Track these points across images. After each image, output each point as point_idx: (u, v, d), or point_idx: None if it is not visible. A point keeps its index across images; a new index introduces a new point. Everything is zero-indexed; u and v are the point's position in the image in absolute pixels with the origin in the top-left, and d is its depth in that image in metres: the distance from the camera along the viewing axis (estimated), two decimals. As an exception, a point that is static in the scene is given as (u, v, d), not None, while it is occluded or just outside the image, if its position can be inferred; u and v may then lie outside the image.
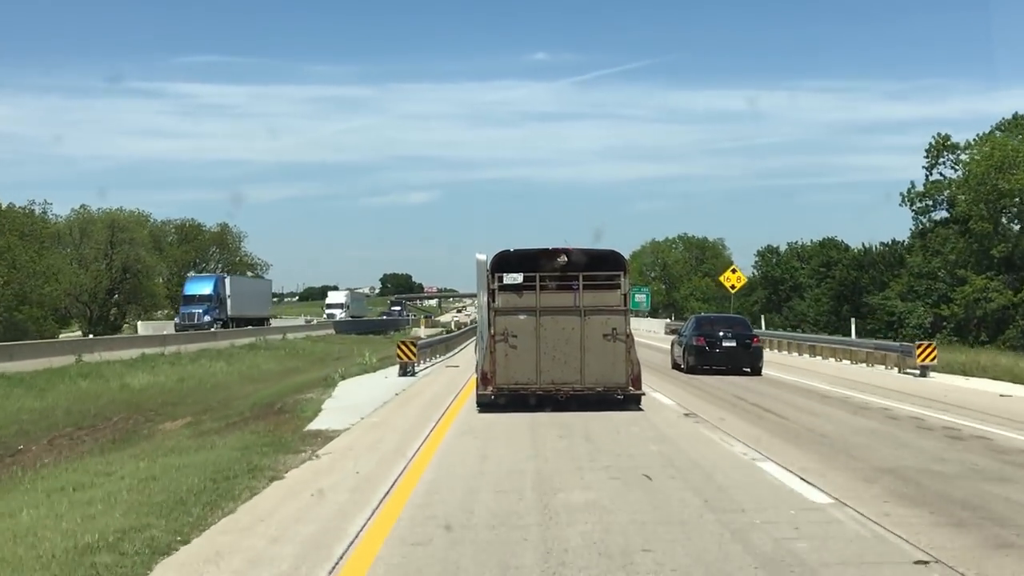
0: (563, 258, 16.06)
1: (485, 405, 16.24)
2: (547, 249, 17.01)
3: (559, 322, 16.57)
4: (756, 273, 79.18)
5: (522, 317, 16.61)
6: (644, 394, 16.40)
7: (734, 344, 24.10)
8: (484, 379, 16.25)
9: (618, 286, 16.53)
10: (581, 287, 16.58)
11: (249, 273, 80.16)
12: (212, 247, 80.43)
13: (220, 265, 79.66)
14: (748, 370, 23.41)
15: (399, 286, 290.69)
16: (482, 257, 17.07)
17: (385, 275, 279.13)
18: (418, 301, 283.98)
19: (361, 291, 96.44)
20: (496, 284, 16.53)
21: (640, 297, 63.05)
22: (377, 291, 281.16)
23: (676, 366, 25.33)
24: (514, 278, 16.91)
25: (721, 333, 24.63)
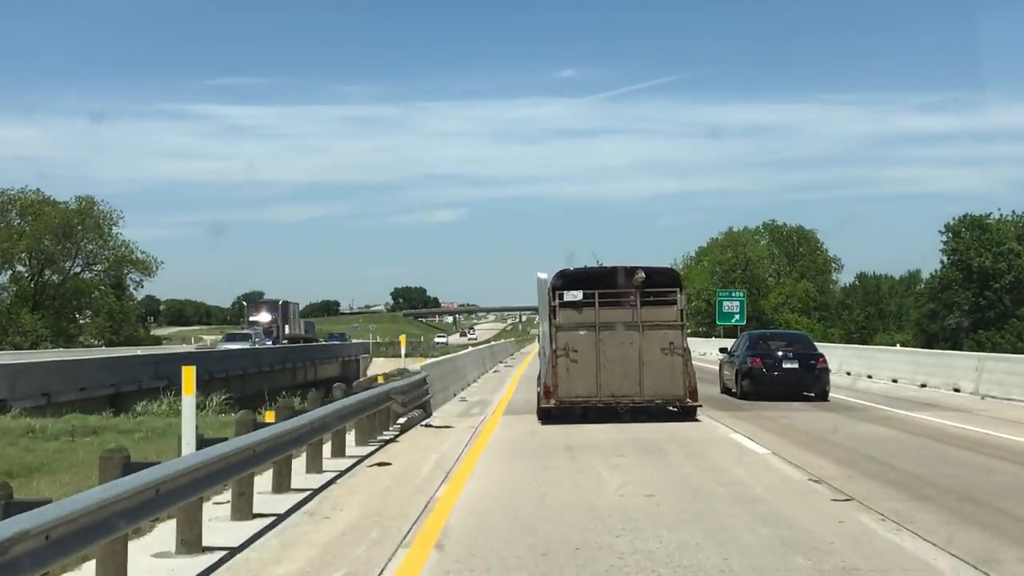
0: (640, 275, 17.51)
1: (547, 417, 17.42)
2: (607, 267, 18.31)
3: (618, 337, 17.71)
4: (944, 260, 68.11)
5: (582, 333, 17.78)
6: (700, 405, 17.60)
7: (796, 365, 22.19)
8: (547, 392, 17.36)
9: (674, 302, 17.79)
10: (639, 303, 17.76)
11: (133, 274, 61.11)
12: (76, 228, 58.74)
13: (81, 258, 60.47)
14: (812, 395, 21.76)
15: (412, 300, 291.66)
16: (543, 276, 18.34)
17: (397, 289, 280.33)
18: (437, 317, 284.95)
19: (294, 303, 66.98)
20: (557, 301, 17.72)
21: (731, 305, 54.48)
22: (390, 306, 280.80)
23: (726, 390, 23.99)
24: (574, 296, 18.10)
25: (780, 353, 22.81)
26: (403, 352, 38.56)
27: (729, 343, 29.05)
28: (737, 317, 55.62)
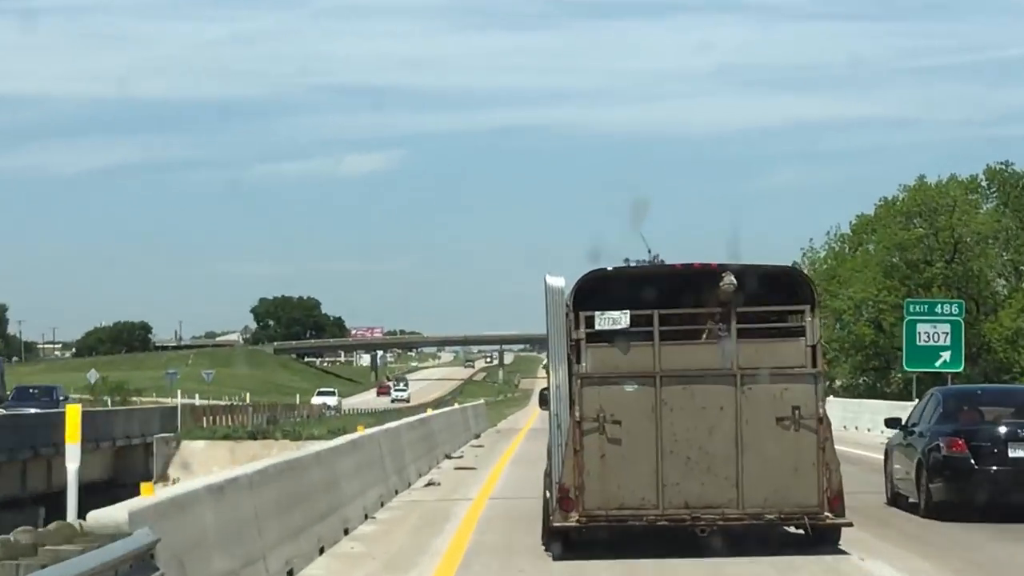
0: (730, 280, 14.64)
1: (564, 549, 14.99)
2: (674, 266, 15.46)
3: (696, 396, 14.87)
4: None
5: (630, 388, 14.86)
6: (850, 524, 15.07)
7: None
8: (563, 499, 14.71)
9: (801, 331, 14.98)
10: (734, 333, 14.85)
11: None
12: None
13: None
14: None
15: (293, 324, 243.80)
16: (558, 283, 15.13)
17: (265, 303, 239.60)
18: (342, 355, 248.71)
19: None
20: (583, 331, 14.95)
21: (935, 332, 41.02)
22: (249, 333, 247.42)
23: (897, 498, 20.91)
24: (614, 319, 14.74)
25: (1004, 429, 19.18)
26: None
27: (905, 410, 25.58)
28: (947, 357, 41.82)
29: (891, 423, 22.23)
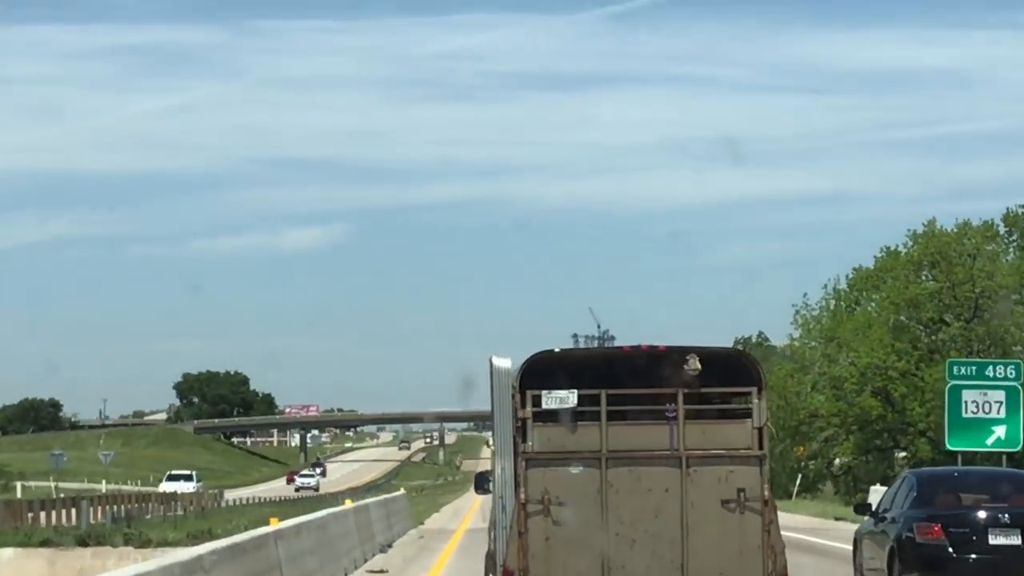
0: (694, 364, 15.44)
1: None
2: (623, 348, 16.47)
3: (642, 478, 15.67)
4: None
5: (575, 470, 15.61)
6: None
7: (1019, 539, 18.40)
8: None
9: (748, 412, 15.88)
10: (682, 415, 15.62)
11: None
12: None
13: None
14: None
15: (220, 401, 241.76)
16: (504, 364, 16.20)
17: (189, 379, 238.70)
18: (274, 433, 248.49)
19: None
20: (529, 409, 15.68)
21: (987, 401, 36.68)
22: (172, 411, 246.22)
23: None
24: (562, 399, 15.53)
25: (983, 514, 18.73)
26: None
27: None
28: (1002, 433, 36.68)
29: (860, 509, 22.00)
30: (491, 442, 17.39)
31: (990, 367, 38.11)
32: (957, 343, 65.92)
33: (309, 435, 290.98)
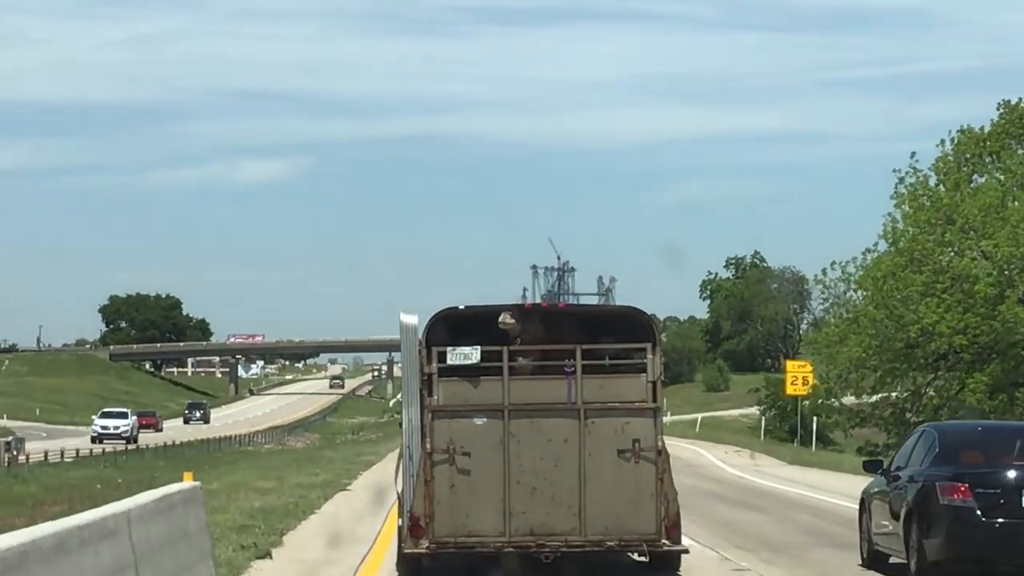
0: (505, 318, 18.34)
1: (414, 574, 18.92)
2: (524, 305, 19.40)
3: (543, 429, 18.47)
4: None
5: (480, 421, 18.44)
6: (686, 551, 19.09)
7: None
8: (415, 527, 18.34)
9: (643, 367, 18.72)
10: (580, 369, 18.48)
11: None
12: None
13: None
14: None
15: (149, 325, 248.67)
16: (411, 320, 18.97)
17: (117, 299, 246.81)
18: (218, 364, 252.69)
19: None
20: (435, 365, 18.59)
21: None
22: (99, 337, 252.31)
23: (877, 558, 20.51)
24: (466, 354, 18.37)
25: (1014, 473, 18.81)
26: None
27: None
28: None
29: (871, 466, 22.01)
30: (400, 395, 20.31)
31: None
32: None
33: (256, 366, 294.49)
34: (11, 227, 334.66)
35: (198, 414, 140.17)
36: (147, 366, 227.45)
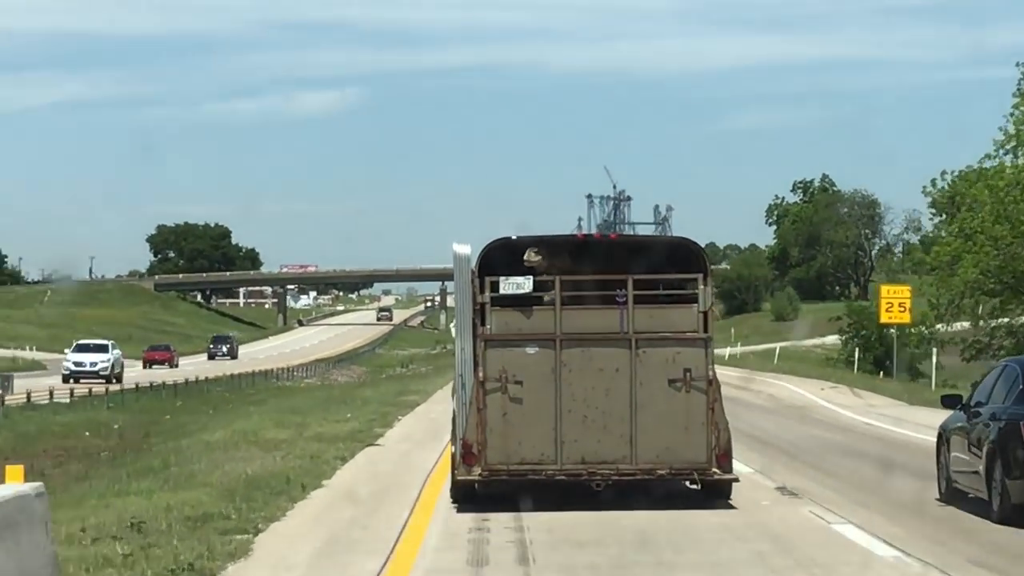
0: (530, 255, 19.20)
1: (467, 500, 19.61)
2: (578, 236, 22.08)
3: (594, 358, 19.27)
4: None
5: (532, 351, 19.22)
6: (737, 480, 19.91)
7: None
8: (468, 455, 19.21)
9: (694, 297, 19.56)
10: (631, 300, 19.27)
11: None
12: None
13: None
14: None
15: (198, 255, 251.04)
16: (464, 250, 19.72)
17: (164, 229, 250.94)
18: (269, 295, 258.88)
19: None
20: (487, 295, 19.42)
21: None
22: (145, 269, 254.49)
23: (955, 495, 20.48)
24: (518, 284, 19.18)
25: None
26: None
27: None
28: None
29: (949, 401, 21.99)
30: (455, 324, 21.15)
31: None
32: None
33: (308, 297, 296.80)
34: (68, 160, 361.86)
35: (224, 348, 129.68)
36: (197, 297, 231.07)
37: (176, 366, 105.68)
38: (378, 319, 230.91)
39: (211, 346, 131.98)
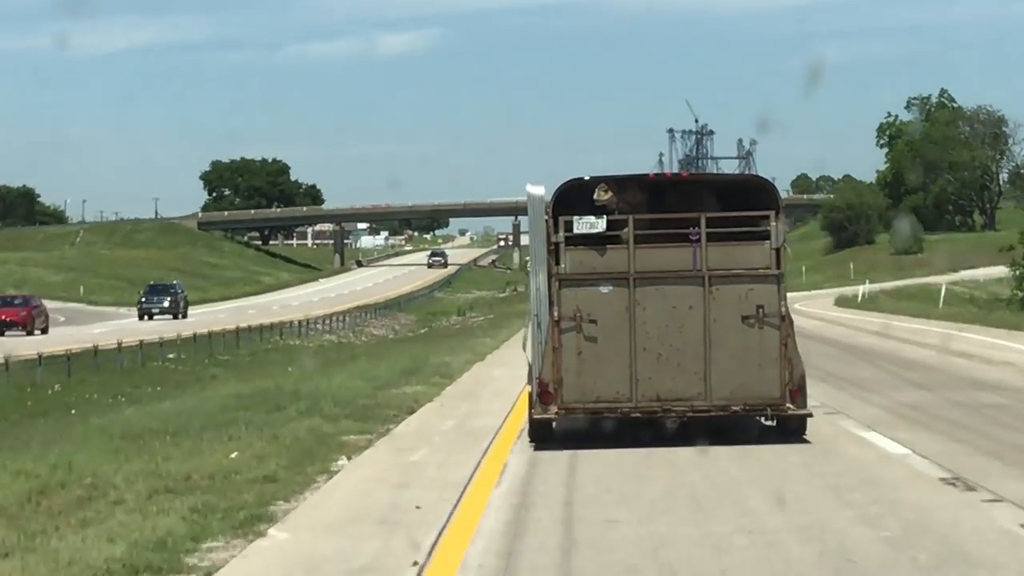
0: (600, 194, 21.03)
1: (544, 439, 21.53)
2: (648, 175, 22.26)
3: (668, 296, 21.10)
4: None
5: (605, 290, 21.07)
6: (811, 415, 21.71)
7: None
8: (544, 394, 21.09)
9: (766, 235, 21.34)
10: (704, 238, 21.11)
11: None
12: None
13: None
14: None
15: (255, 193, 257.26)
16: (538, 191, 21.60)
17: (219, 165, 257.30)
18: (301, 233, 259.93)
19: None
20: (562, 234, 21.24)
21: None
22: (201, 210, 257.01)
23: None
24: (591, 223, 21.01)
25: None
26: None
27: None
28: None
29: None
30: (528, 264, 22.97)
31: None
32: None
33: (379, 237, 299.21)
34: (147, 105, 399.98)
35: (166, 303, 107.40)
36: (257, 238, 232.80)
37: (38, 331, 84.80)
38: (429, 265, 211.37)
39: (142, 300, 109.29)
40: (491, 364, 43.60)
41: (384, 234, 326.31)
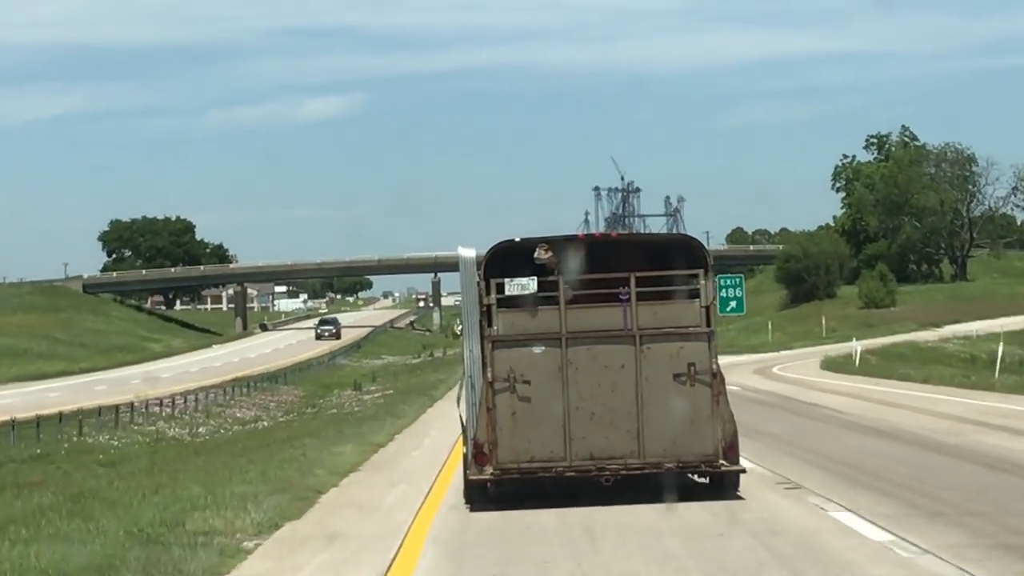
0: (540, 252, 22.85)
1: (478, 501, 23.44)
2: (579, 235, 24.34)
3: (600, 356, 22.98)
4: None
5: (538, 350, 22.97)
6: (744, 471, 23.54)
7: None
8: (479, 455, 22.93)
9: (696, 293, 23.31)
10: (634, 297, 22.91)
11: None
12: None
13: None
14: None
15: (157, 254, 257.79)
16: (469, 254, 23.91)
17: (119, 224, 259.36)
18: (258, 300, 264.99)
19: None
20: (494, 296, 23.13)
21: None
22: (97, 271, 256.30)
23: None
24: (523, 285, 22.87)
25: None
26: None
27: None
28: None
29: None
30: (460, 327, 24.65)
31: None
32: None
33: (299, 299, 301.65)
34: (64, 171, 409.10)
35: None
36: (161, 302, 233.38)
37: None
38: (317, 336, 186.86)
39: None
40: (336, 510, 24.82)
41: (303, 296, 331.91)
